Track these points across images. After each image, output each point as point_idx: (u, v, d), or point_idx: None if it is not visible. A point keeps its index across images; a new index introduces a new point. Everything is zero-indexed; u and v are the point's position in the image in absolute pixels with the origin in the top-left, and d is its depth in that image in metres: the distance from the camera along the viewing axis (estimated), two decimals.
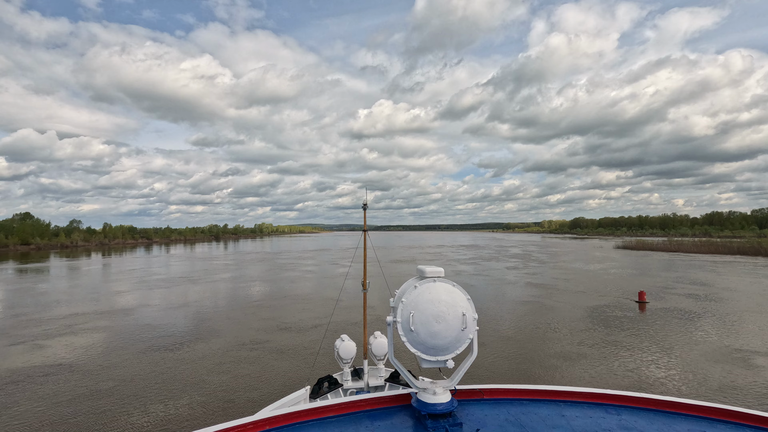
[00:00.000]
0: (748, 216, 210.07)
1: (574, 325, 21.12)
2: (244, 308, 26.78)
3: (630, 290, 32.33)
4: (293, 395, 8.18)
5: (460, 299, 3.11)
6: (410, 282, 3.27)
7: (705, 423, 2.88)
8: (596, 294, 31.01)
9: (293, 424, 2.81)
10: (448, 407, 2.88)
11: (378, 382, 9.28)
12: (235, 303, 28.76)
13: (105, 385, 13.62)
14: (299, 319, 23.44)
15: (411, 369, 4.88)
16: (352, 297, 29.05)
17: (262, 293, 33.04)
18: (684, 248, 74.89)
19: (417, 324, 3.01)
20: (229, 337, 19.50)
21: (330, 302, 27.71)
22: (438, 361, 3.06)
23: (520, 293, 31.56)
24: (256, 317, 24.00)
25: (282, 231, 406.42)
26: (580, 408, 3.13)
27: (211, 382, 13.72)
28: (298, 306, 27.31)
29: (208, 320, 23.25)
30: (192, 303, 28.73)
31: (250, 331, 20.79)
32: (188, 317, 24.08)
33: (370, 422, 2.87)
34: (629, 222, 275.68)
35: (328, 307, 26.06)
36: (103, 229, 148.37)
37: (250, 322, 22.83)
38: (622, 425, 2.85)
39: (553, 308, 25.68)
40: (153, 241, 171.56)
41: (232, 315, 24.68)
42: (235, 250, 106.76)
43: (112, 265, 64.81)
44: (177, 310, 26.11)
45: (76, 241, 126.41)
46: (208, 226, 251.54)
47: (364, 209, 10.04)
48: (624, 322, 21.88)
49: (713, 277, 40.75)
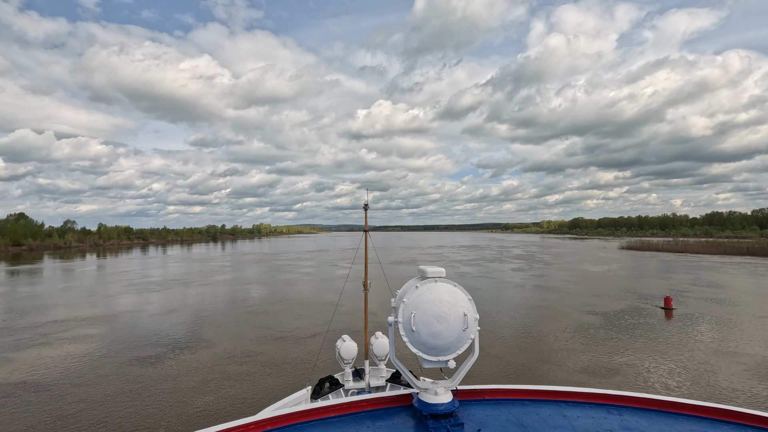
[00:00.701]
0: (748, 216, 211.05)
1: (597, 335, 19.37)
2: (238, 314, 24.97)
3: (646, 294, 30.65)
4: (294, 395, 8.06)
5: (462, 299, 3.09)
6: (411, 282, 3.24)
7: (707, 423, 2.85)
8: (611, 298, 29.29)
9: (295, 424, 2.80)
10: (449, 407, 2.85)
11: (379, 382, 9.22)
12: (228, 308, 26.94)
13: (71, 408, 11.79)
14: (296, 327, 21.65)
15: (412, 369, 4.34)
16: (352, 300, 27.29)
17: (257, 297, 31.23)
18: (691, 249, 73.19)
19: (418, 324, 2.99)
20: (219, 348, 17.70)
21: (329, 307, 25.96)
22: (439, 362, 3.05)
23: (531, 297, 29.83)
24: (250, 325, 22.21)
25: (280, 231, 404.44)
26: (581, 408, 3.11)
27: (193, 405, 11.93)
28: (294, 312, 25.52)
29: (198, 328, 21.44)
30: (182, 308, 26.90)
31: (242, 341, 18.99)
32: (176, 325, 22.26)
33: (372, 422, 2.85)
34: (629, 222, 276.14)
35: (327, 313, 24.35)
36: (98, 229, 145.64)
37: (243, 330, 21.03)
38: (624, 425, 2.82)
39: (568, 315, 23.94)
40: (149, 241, 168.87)
41: (223, 322, 22.87)
42: (231, 251, 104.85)
43: (103, 266, 62.85)
44: (165, 317, 24.28)
45: (69, 242, 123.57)
46: (206, 226, 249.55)
47: (365, 209, 10.05)
48: (651, 330, 20.13)
49: (729, 280, 39.10)
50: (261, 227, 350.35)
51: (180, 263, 66.33)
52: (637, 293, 31.17)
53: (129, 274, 50.07)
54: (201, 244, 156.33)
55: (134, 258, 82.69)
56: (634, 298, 29.22)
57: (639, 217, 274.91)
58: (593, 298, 29.06)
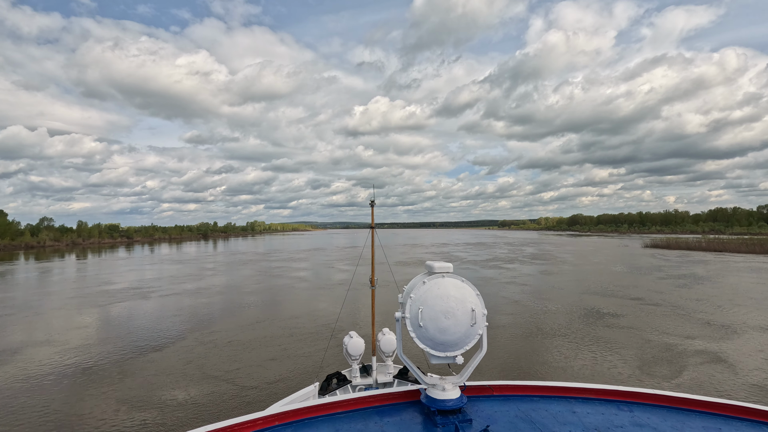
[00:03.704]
0: (753, 212, 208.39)
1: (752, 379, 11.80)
2: (191, 348, 17.16)
3: (746, 313, 23.23)
4: (302, 392, 7.90)
5: (470, 295, 2.99)
6: (419, 278, 3.14)
7: (720, 420, 2.73)
8: (715, 317, 21.81)
9: (303, 420, 2.74)
10: (457, 403, 2.79)
11: (386, 378, 9.23)
12: (183, 335, 19.12)
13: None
14: (263, 379, 13.89)
15: (419, 365, 3.72)
16: (355, 317, 19.61)
17: (227, 318, 23.41)
18: (730, 248, 65.99)
19: (426, 320, 2.90)
20: (155, 412, 9.93)
21: (324, 330, 18.32)
22: (447, 357, 2.96)
23: (598, 308, 22.25)
24: (210, 364, 14.45)
25: (275, 229, 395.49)
26: (591, 404, 2.99)
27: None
28: (276, 344, 17.75)
29: (133, 368, 13.65)
30: (117, 336, 19.06)
31: (188, 400, 11.21)
32: (102, 364, 14.45)
33: (380, 418, 2.79)
34: (630, 219, 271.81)
35: (320, 341, 16.91)
36: (78, 227, 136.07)
37: (197, 377, 13.25)
38: (635, 422, 2.72)
39: (679, 350, 16.40)
40: (134, 240, 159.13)
41: (167, 363, 15.06)
42: (220, 251, 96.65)
43: (62, 270, 54.58)
44: (91, 351, 16.43)
45: (43, 240, 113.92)
46: (198, 224, 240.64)
47: (371, 206, 10.16)
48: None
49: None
50: (255, 225, 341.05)
51: (154, 266, 58.17)
52: (736, 311, 23.72)
53: (86, 280, 41.94)
54: (190, 243, 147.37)
55: (107, 259, 74.37)
56: (744, 318, 21.75)
57: (640, 214, 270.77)
58: (684, 318, 21.55)
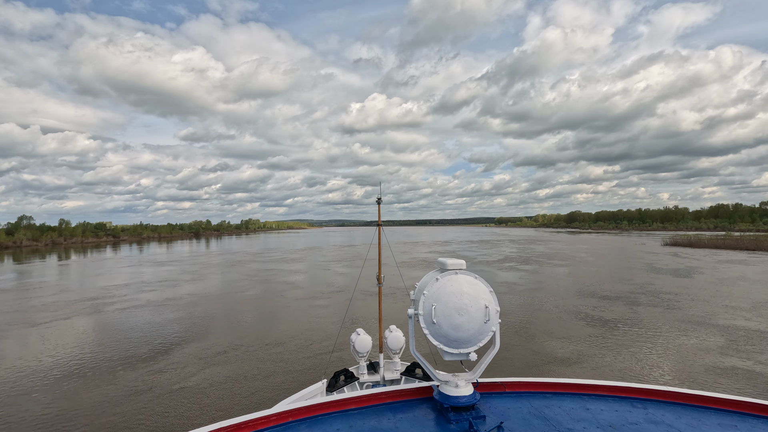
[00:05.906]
0: (756, 208, 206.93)
1: None
2: (127, 395, 11.41)
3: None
4: (310, 388, 7.96)
5: (483, 291, 3.00)
6: (431, 274, 3.18)
7: (736, 417, 2.70)
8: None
9: (316, 416, 2.74)
10: (470, 400, 2.79)
11: (394, 375, 9.24)
12: (118, 371, 13.36)
13: None
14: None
15: (429, 362, 3.54)
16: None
17: (196, 340, 17.63)
18: (766, 246, 60.99)
19: (439, 316, 2.91)
20: None
21: (317, 365, 12.69)
22: (460, 354, 2.96)
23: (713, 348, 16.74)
24: (161, 415, 8.78)
25: (270, 227, 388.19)
26: (605, 401, 2.99)
27: None
28: (245, 390, 12.05)
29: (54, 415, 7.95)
30: (52, 368, 13.27)
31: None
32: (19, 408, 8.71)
33: (392, 414, 2.79)
34: (629, 215, 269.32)
35: (310, 383, 11.29)
36: (59, 226, 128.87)
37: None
38: (649, 419, 2.70)
39: None
40: (120, 239, 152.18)
41: (111, 405, 9.36)
42: (210, 250, 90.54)
43: (21, 274, 48.44)
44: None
45: (20, 240, 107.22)
46: (191, 222, 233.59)
47: (378, 204, 10.50)
48: None
49: None
50: (249, 223, 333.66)
51: (128, 269, 52.09)
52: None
53: (42, 288, 35.86)
54: (181, 242, 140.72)
55: (79, 261, 68.14)
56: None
57: (639, 211, 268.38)
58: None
